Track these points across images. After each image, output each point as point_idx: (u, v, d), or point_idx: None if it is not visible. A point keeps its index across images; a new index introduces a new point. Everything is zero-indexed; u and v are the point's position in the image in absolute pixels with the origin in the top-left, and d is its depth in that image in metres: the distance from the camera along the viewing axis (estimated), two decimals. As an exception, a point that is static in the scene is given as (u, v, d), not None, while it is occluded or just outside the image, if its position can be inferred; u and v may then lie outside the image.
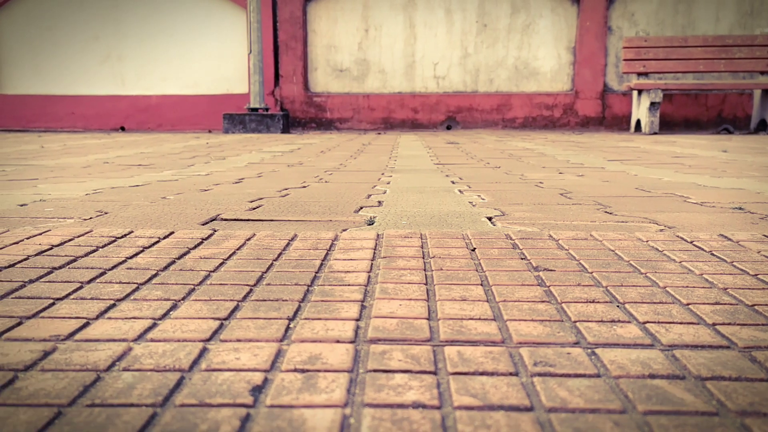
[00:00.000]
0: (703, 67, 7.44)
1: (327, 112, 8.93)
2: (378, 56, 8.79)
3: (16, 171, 3.36)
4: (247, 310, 0.99)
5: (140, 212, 1.89)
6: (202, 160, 4.20)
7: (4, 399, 0.72)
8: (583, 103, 8.39)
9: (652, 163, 3.84)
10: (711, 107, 8.15)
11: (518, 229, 1.59)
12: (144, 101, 8.87)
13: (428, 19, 8.68)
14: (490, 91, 8.61)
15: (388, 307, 0.99)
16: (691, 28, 8.12)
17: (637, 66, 7.53)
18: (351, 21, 8.80)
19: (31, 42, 8.82)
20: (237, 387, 0.74)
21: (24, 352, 0.84)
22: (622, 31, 8.24)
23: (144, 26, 8.86)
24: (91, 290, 1.09)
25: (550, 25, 8.42)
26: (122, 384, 0.75)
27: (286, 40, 8.82)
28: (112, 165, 3.85)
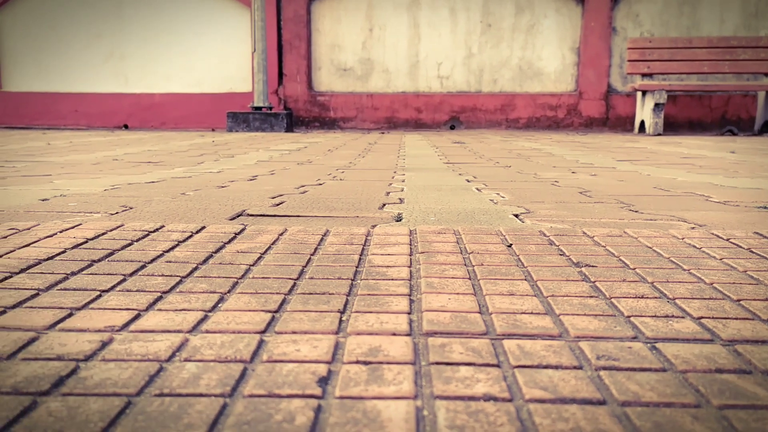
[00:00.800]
0: (707, 68, 7.45)
1: (330, 111, 8.93)
2: (382, 56, 8.79)
3: (27, 167, 3.35)
4: (297, 303, 0.99)
5: (165, 207, 1.88)
6: (211, 158, 4.19)
7: (70, 388, 0.71)
8: (587, 103, 8.39)
9: (662, 164, 3.84)
10: (715, 109, 8.16)
11: (549, 225, 1.59)
12: (147, 99, 8.86)
13: (432, 18, 8.68)
14: (493, 92, 8.61)
15: (438, 301, 0.99)
16: (695, 29, 8.13)
17: (641, 67, 7.53)
18: (355, 20, 8.79)
19: (34, 39, 8.80)
20: (303, 378, 0.74)
21: (82, 343, 0.83)
22: (626, 32, 8.24)
23: (147, 24, 8.85)
24: (136, 282, 1.09)
25: (554, 26, 8.42)
26: (187, 374, 0.75)
27: (290, 39, 8.82)
28: (122, 162, 3.84)
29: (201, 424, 0.64)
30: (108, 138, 6.68)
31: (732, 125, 8.16)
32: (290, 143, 6.00)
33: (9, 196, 2.09)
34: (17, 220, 1.64)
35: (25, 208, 1.83)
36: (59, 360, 0.79)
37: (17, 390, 0.71)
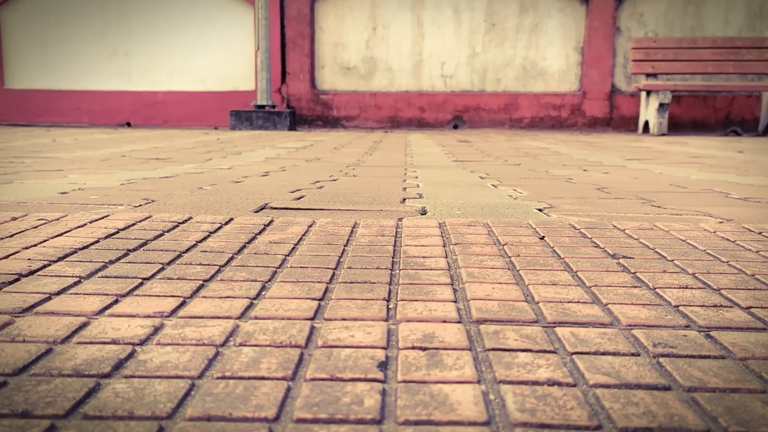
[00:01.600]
0: (711, 68, 7.45)
1: (334, 109, 8.92)
2: (385, 54, 8.79)
3: (36, 163, 3.35)
4: (341, 291, 0.99)
5: (187, 200, 1.88)
6: (219, 155, 4.19)
7: (132, 371, 0.71)
8: (591, 103, 8.39)
9: (671, 163, 3.84)
10: (719, 109, 8.17)
11: (577, 219, 1.59)
12: (150, 97, 8.85)
13: (436, 17, 8.67)
14: (497, 91, 8.61)
15: (482, 290, 0.99)
16: (700, 30, 8.14)
17: (645, 67, 7.54)
18: (359, 19, 8.79)
19: (37, 36, 8.79)
20: (363, 363, 0.74)
21: (135, 327, 0.83)
22: (630, 32, 8.25)
23: (151, 22, 8.85)
24: (175, 271, 1.09)
25: (558, 25, 8.42)
26: (246, 358, 0.75)
27: (294, 38, 8.81)
28: (130, 158, 3.83)
29: (270, 405, 0.64)
30: (112, 135, 6.67)
31: (736, 126, 8.17)
32: (295, 141, 6.00)
33: (28, 190, 2.09)
34: (42, 211, 1.64)
35: (48, 201, 1.83)
36: (115, 344, 0.79)
37: (79, 372, 0.71)
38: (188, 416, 0.62)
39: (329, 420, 0.61)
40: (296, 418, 0.61)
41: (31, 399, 0.64)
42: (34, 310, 0.89)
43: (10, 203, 1.79)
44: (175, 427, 0.60)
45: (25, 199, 1.86)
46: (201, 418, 0.61)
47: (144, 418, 0.61)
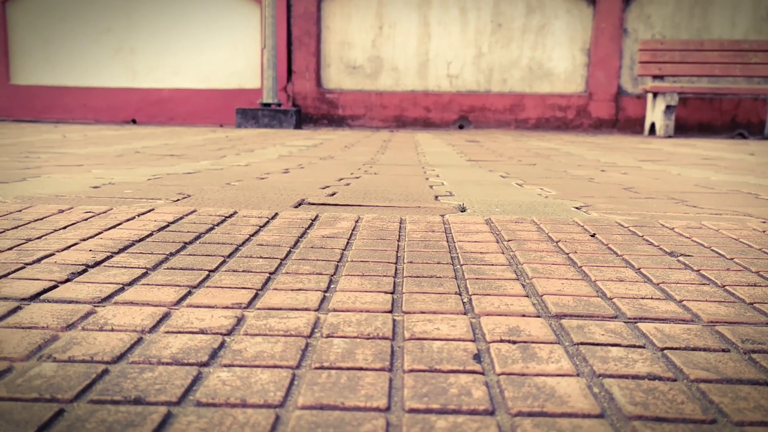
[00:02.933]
0: (718, 71, 7.47)
1: (339, 108, 8.92)
2: (391, 54, 8.79)
3: (53, 158, 3.34)
4: (411, 286, 0.99)
5: (222, 195, 1.88)
6: (231, 152, 4.18)
7: (230, 360, 0.72)
8: (597, 105, 8.40)
9: (685, 164, 3.85)
10: (725, 112, 8.18)
11: (621, 218, 1.59)
12: (155, 94, 8.84)
13: (443, 17, 8.68)
14: (503, 91, 8.62)
15: (552, 285, 0.99)
16: (706, 32, 8.15)
17: (652, 69, 7.55)
18: (365, 18, 8.79)
19: (43, 33, 8.78)
20: (457, 355, 0.74)
21: (218, 318, 0.84)
22: (637, 34, 8.26)
23: (156, 19, 8.84)
24: (239, 263, 1.09)
25: (565, 26, 8.43)
26: (339, 349, 0.75)
27: (300, 36, 8.81)
28: (145, 155, 3.83)
29: (379, 394, 0.64)
30: (120, 132, 6.66)
31: (742, 129, 8.19)
32: (304, 140, 6.00)
33: (59, 184, 2.09)
34: (84, 204, 1.64)
35: (85, 194, 1.83)
36: (203, 333, 0.79)
37: (178, 361, 0.71)
38: (300, 404, 0.62)
39: (442, 410, 0.61)
40: (408, 408, 0.61)
41: (140, 386, 0.64)
42: (112, 300, 0.89)
43: (49, 196, 1.78)
44: (292, 415, 0.60)
45: (62, 192, 1.86)
46: (314, 406, 0.62)
47: (257, 405, 0.61)
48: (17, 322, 0.80)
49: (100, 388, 0.64)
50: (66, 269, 1.02)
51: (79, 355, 0.71)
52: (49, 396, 0.62)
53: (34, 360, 0.70)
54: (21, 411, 0.59)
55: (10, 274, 0.99)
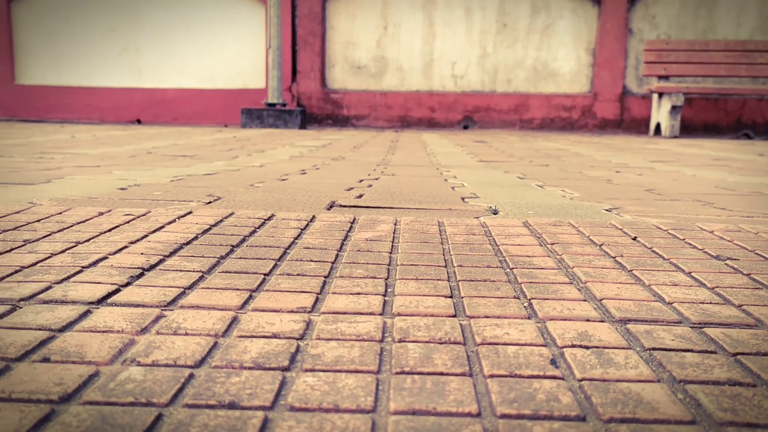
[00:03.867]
0: (724, 71, 7.48)
1: (344, 108, 8.93)
2: (396, 54, 8.80)
3: (67, 158, 3.35)
4: (468, 289, 1.00)
5: (252, 197, 1.89)
6: (242, 153, 4.19)
7: (311, 365, 0.72)
8: (602, 105, 8.41)
9: (697, 165, 3.85)
10: (730, 112, 8.20)
11: (656, 221, 1.60)
12: (160, 94, 8.84)
13: (447, 17, 8.68)
14: (508, 92, 8.63)
15: (608, 289, 1.00)
16: (712, 32, 8.17)
17: (657, 69, 7.56)
18: (370, 18, 8.80)
19: (48, 32, 8.77)
20: (534, 360, 0.75)
21: (287, 322, 0.84)
22: (642, 34, 8.27)
23: (162, 19, 8.84)
24: (292, 267, 1.10)
25: (570, 27, 8.44)
26: (416, 354, 0.76)
27: (305, 36, 8.81)
28: (157, 155, 3.83)
29: (469, 400, 0.65)
30: (127, 132, 6.66)
31: (747, 129, 8.20)
32: (311, 140, 6.00)
33: (85, 185, 2.09)
34: (120, 206, 1.64)
35: (117, 196, 1.84)
36: (277, 338, 0.79)
37: (260, 365, 0.71)
38: (392, 410, 0.63)
39: (534, 416, 0.62)
40: (500, 414, 0.62)
41: (231, 390, 0.65)
42: (178, 304, 0.90)
43: (81, 198, 1.79)
44: (389, 420, 0.60)
45: (92, 194, 1.87)
46: (406, 412, 0.62)
47: (351, 410, 0.62)
48: (92, 326, 0.81)
49: (192, 393, 0.64)
50: (124, 273, 1.02)
51: (162, 359, 0.72)
52: (144, 400, 0.63)
53: (119, 364, 0.71)
54: (122, 415, 0.60)
55: (71, 277, 0.99)
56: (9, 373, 0.67)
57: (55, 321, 0.82)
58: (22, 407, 0.60)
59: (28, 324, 0.80)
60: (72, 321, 0.82)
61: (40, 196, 1.81)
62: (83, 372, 0.68)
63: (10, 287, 0.94)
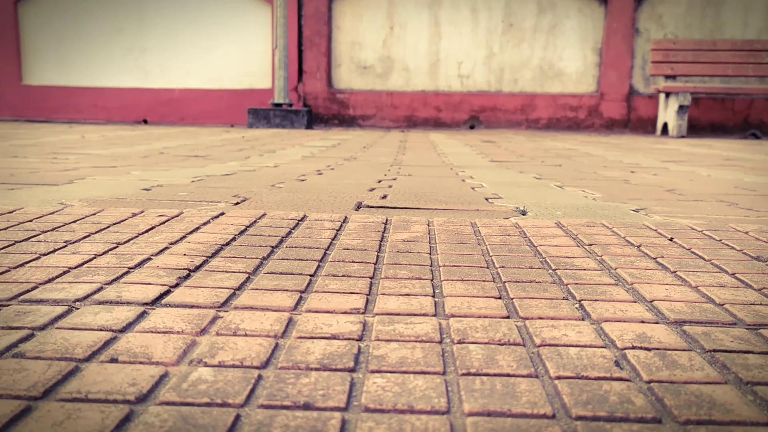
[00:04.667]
0: (731, 71, 7.48)
1: (350, 108, 8.93)
2: (402, 54, 8.80)
3: (82, 159, 3.35)
4: (516, 290, 1.00)
5: (277, 198, 1.89)
6: (254, 153, 4.19)
7: (376, 366, 0.72)
8: (608, 105, 8.41)
9: (710, 165, 3.85)
10: (737, 112, 8.19)
11: (688, 221, 1.60)
12: (167, 94, 8.85)
13: (453, 17, 8.69)
14: (514, 91, 8.63)
15: (656, 291, 1.00)
16: (719, 32, 8.16)
17: (664, 68, 7.56)
18: (376, 18, 8.80)
19: (55, 33, 8.78)
20: (598, 361, 0.75)
21: (343, 324, 0.84)
22: (649, 33, 8.27)
23: (168, 19, 8.84)
24: (336, 268, 1.10)
25: (576, 26, 8.44)
26: (479, 355, 0.76)
27: (311, 36, 8.82)
28: (169, 155, 3.84)
29: (542, 402, 0.65)
30: (135, 132, 6.66)
31: (755, 129, 8.20)
32: (319, 140, 6.00)
33: (107, 186, 2.10)
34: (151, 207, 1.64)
35: (144, 197, 1.84)
36: (336, 339, 0.80)
37: (326, 366, 0.72)
38: (467, 411, 0.63)
39: (610, 418, 0.62)
40: (576, 416, 0.62)
41: (304, 391, 0.65)
42: (231, 305, 0.90)
43: (109, 199, 1.79)
44: (467, 421, 0.61)
45: (117, 194, 1.87)
46: (482, 413, 0.62)
47: (426, 412, 0.62)
48: (152, 326, 0.81)
49: (265, 393, 0.65)
50: (171, 274, 1.02)
51: (228, 360, 0.72)
52: (220, 401, 0.63)
53: (186, 365, 0.71)
54: (201, 416, 0.60)
55: (120, 278, 1.00)
56: (80, 374, 0.67)
57: (114, 322, 0.82)
58: (102, 407, 0.61)
59: (89, 325, 0.80)
60: (131, 322, 0.82)
61: (68, 197, 1.82)
62: (154, 372, 0.68)
63: (63, 288, 0.94)
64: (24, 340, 0.76)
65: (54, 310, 0.85)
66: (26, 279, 0.97)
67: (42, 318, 0.82)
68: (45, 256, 1.11)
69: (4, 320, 0.81)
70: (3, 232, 1.29)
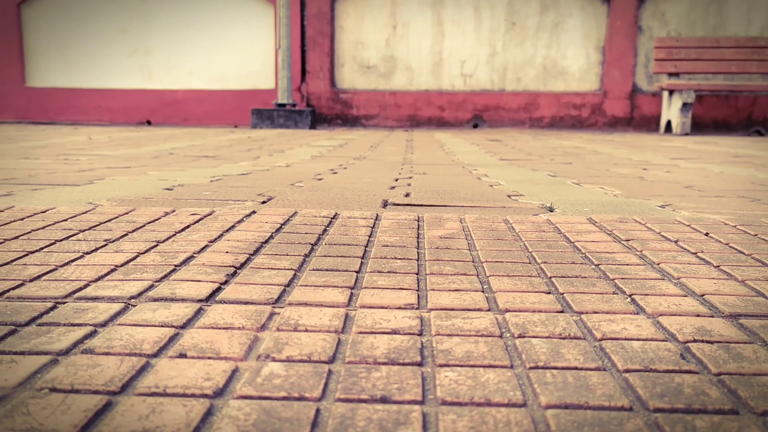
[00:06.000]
0: (734, 68, 7.49)
1: (353, 108, 8.93)
2: (405, 53, 8.80)
3: (94, 160, 3.35)
4: (565, 285, 1.00)
5: (302, 196, 1.89)
6: (263, 153, 4.19)
7: (444, 360, 0.72)
8: (612, 103, 8.42)
9: (720, 162, 3.86)
10: (741, 109, 8.20)
11: (718, 217, 1.60)
12: (170, 95, 8.85)
13: (456, 16, 8.69)
14: (517, 90, 8.63)
15: (705, 285, 1.00)
16: (722, 29, 8.17)
17: (668, 66, 7.56)
18: (379, 17, 8.80)
19: (58, 34, 8.78)
20: (663, 354, 0.75)
21: (401, 319, 0.84)
22: (652, 31, 8.28)
23: (171, 20, 8.84)
24: (380, 264, 1.10)
25: (579, 24, 8.45)
26: (544, 349, 0.76)
27: (314, 36, 8.82)
28: (179, 156, 3.84)
29: (618, 395, 0.65)
30: (141, 133, 6.66)
31: (758, 126, 8.20)
32: (326, 140, 6.00)
33: (129, 186, 2.10)
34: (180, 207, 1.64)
35: (172, 196, 1.84)
36: (397, 334, 0.80)
37: (393, 360, 0.72)
38: (544, 404, 0.63)
39: (689, 410, 0.62)
40: (653, 408, 0.62)
41: (378, 385, 0.65)
42: (285, 301, 0.90)
43: (135, 198, 1.79)
44: (547, 414, 0.61)
45: (143, 194, 1.87)
46: (559, 405, 0.63)
47: (503, 404, 0.62)
48: (212, 323, 0.81)
49: (340, 387, 0.65)
50: (218, 271, 1.02)
51: (295, 354, 0.72)
52: (297, 394, 0.63)
53: (254, 360, 0.71)
54: (283, 409, 0.60)
55: (169, 275, 1.00)
56: (154, 369, 0.67)
57: (174, 318, 0.82)
58: (183, 401, 0.61)
59: (149, 321, 0.80)
60: (190, 318, 0.82)
61: (93, 197, 1.82)
62: (225, 368, 0.68)
63: (115, 285, 0.94)
64: (89, 336, 0.76)
65: (111, 307, 0.85)
66: (76, 277, 0.97)
67: (101, 315, 0.82)
68: (89, 255, 1.11)
69: (65, 317, 0.81)
70: (42, 231, 1.29)
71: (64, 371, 0.66)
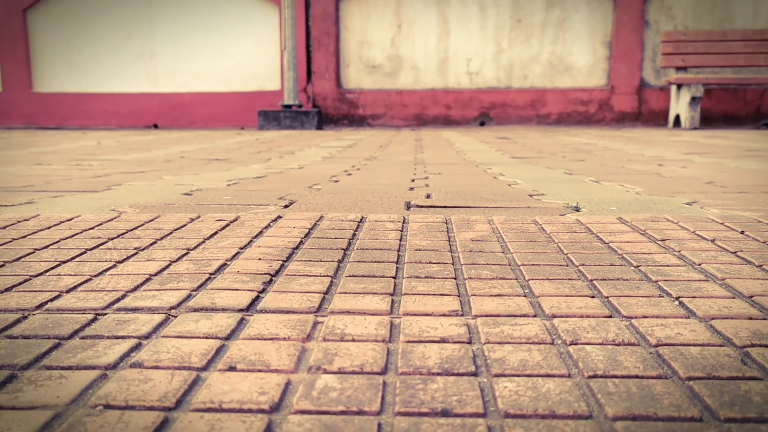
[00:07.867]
0: (743, 61, 7.45)
1: (359, 108, 8.91)
2: (411, 52, 8.78)
3: (107, 165, 3.34)
4: (609, 289, 0.98)
5: (323, 199, 1.87)
6: (273, 155, 4.18)
7: (500, 369, 0.71)
8: (619, 98, 8.39)
9: (734, 156, 3.83)
10: (749, 102, 8.16)
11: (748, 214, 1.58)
12: (177, 99, 8.84)
13: (461, 14, 8.66)
14: (524, 87, 8.61)
15: (752, 286, 0.98)
16: (728, 23, 8.13)
17: (675, 60, 7.53)
18: (384, 17, 8.78)
19: (65, 39, 8.78)
20: (723, 360, 0.73)
21: (447, 327, 0.83)
22: (659, 25, 8.24)
23: (177, 23, 8.83)
24: (416, 269, 1.08)
25: (585, 20, 8.41)
26: (600, 356, 0.74)
27: (319, 37, 8.80)
28: (191, 159, 3.82)
29: (686, 405, 0.63)
30: (149, 137, 6.66)
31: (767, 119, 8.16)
32: (334, 141, 5.99)
33: (148, 191, 2.08)
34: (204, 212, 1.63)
35: (194, 201, 1.82)
36: (446, 342, 0.78)
37: (447, 371, 0.70)
38: (611, 416, 0.61)
39: (761, 419, 0.60)
40: (724, 417, 0.60)
41: (437, 397, 0.64)
42: (327, 310, 0.88)
43: (157, 204, 1.78)
44: (617, 426, 0.59)
45: (163, 200, 1.86)
46: (627, 417, 0.61)
47: (568, 416, 0.61)
48: (256, 333, 0.79)
49: (399, 400, 0.63)
50: (255, 279, 1.01)
51: (347, 366, 0.70)
52: (355, 408, 0.61)
53: (305, 372, 0.69)
54: (344, 425, 0.58)
55: (205, 284, 0.98)
56: (206, 383, 0.66)
57: (218, 329, 0.80)
58: (242, 417, 0.59)
59: (194, 333, 0.79)
60: (233, 329, 0.81)
61: (114, 203, 1.80)
62: (278, 381, 0.67)
63: (153, 296, 0.92)
64: (135, 349, 0.74)
65: (153, 318, 0.83)
66: (113, 287, 0.96)
67: (144, 327, 0.81)
68: (121, 264, 1.10)
69: (107, 329, 0.80)
70: (71, 240, 1.28)
71: (116, 387, 0.64)
